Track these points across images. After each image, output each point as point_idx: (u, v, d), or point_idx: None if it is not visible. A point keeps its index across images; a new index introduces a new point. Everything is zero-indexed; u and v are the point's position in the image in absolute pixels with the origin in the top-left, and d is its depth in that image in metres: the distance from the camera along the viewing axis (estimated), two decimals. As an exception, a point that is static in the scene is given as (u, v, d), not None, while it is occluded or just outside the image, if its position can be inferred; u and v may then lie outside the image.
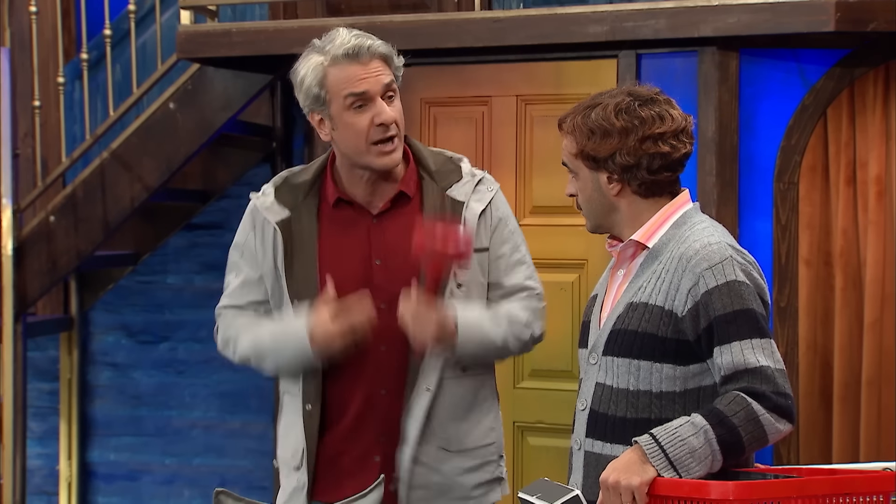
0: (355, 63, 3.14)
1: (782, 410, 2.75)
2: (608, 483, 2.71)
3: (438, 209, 3.22)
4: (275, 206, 3.24)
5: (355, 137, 3.16)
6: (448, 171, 3.28)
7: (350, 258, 3.20)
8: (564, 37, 4.81)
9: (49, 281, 5.97)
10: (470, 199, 3.25)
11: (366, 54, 3.15)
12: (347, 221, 3.23)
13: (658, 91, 2.96)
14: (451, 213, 3.21)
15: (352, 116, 3.15)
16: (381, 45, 3.19)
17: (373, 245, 3.21)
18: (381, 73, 3.17)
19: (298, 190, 3.25)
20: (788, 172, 4.75)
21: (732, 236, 2.96)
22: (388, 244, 3.21)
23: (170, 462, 6.50)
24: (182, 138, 5.72)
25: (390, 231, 3.22)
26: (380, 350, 3.19)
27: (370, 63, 3.15)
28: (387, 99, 3.17)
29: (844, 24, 4.46)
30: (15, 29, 6.08)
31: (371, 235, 3.22)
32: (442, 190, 3.25)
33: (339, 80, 3.15)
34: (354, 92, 3.14)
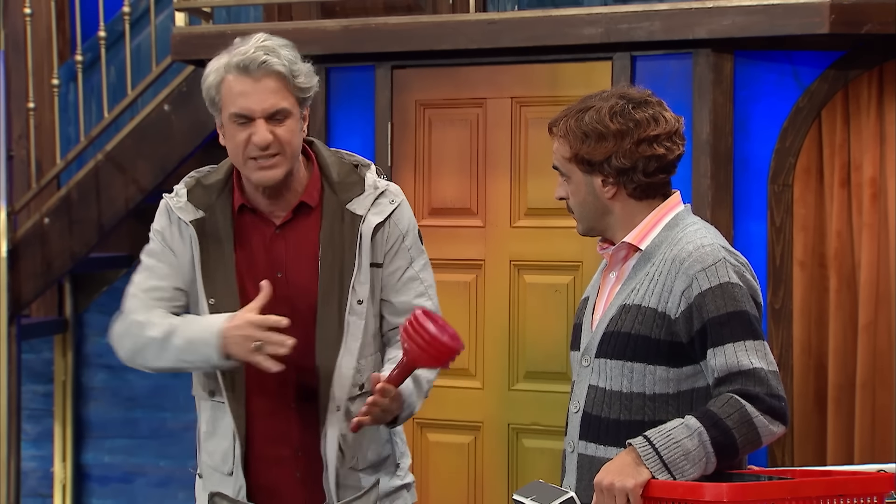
0: (246, 77, 3.06)
1: (776, 412, 2.76)
2: (602, 485, 2.71)
3: (336, 223, 3.16)
4: (188, 206, 3.18)
5: (234, 150, 3.11)
6: (351, 182, 3.20)
7: (256, 267, 3.16)
8: (559, 38, 4.81)
9: (43, 283, 5.97)
10: (368, 212, 3.17)
11: (257, 71, 3.06)
12: (252, 229, 3.18)
13: (650, 93, 2.97)
14: (350, 227, 3.15)
15: (234, 130, 3.09)
16: (278, 62, 3.07)
17: (275, 257, 3.16)
18: (270, 95, 3.06)
19: (211, 190, 3.20)
20: (783, 174, 4.76)
21: (727, 238, 2.96)
22: (290, 256, 3.16)
23: (164, 464, 6.50)
24: (176, 140, 5.72)
25: (292, 242, 3.17)
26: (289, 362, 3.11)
27: (262, 80, 3.06)
28: (273, 121, 3.07)
29: (839, 27, 4.47)
30: (9, 31, 6.08)
31: (273, 247, 3.17)
32: (342, 203, 3.17)
33: (230, 91, 3.08)
34: (234, 112, 3.08)
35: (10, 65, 6.03)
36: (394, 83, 5.11)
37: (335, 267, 3.14)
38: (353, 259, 3.14)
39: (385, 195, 3.20)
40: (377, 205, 3.18)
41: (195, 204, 3.19)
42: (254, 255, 3.17)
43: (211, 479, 3.25)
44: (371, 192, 3.19)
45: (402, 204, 3.23)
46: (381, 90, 5.10)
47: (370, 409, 3.01)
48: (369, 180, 3.21)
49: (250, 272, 3.15)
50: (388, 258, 3.20)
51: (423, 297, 3.23)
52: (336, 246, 3.15)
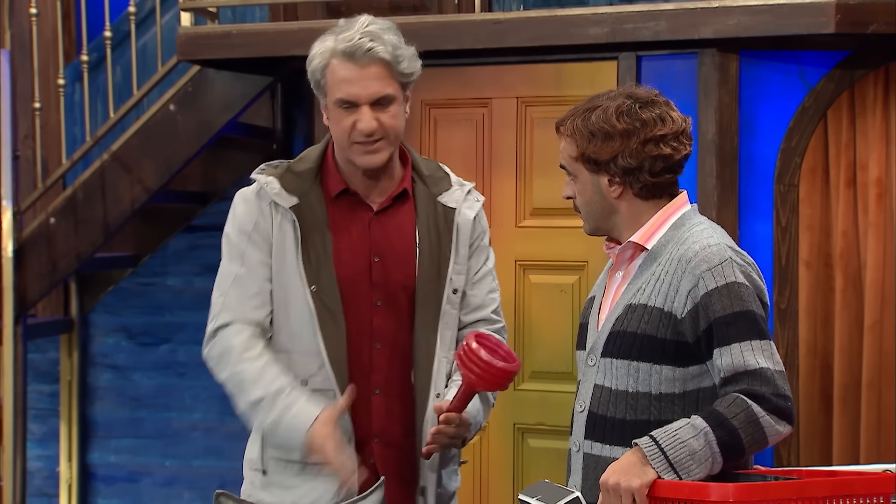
0: (351, 63, 3.10)
1: (782, 412, 2.76)
2: (608, 485, 2.71)
3: (431, 213, 3.22)
4: (283, 192, 3.18)
5: (340, 134, 3.16)
6: (439, 177, 3.29)
7: (352, 252, 3.19)
8: (565, 38, 4.81)
9: (49, 283, 5.97)
10: (462, 205, 3.25)
11: (363, 57, 3.10)
12: (349, 213, 3.21)
13: (657, 93, 2.96)
14: (444, 219, 3.22)
15: (339, 114, 3.13)
16: (383, 49, 3.10)
17: (372, 242, 3.20)
18: (375, 81, 3.11)
19: (304, 178, 3.21)
20: (789, 174, 4.75)
21: (732, 238, 2.96)
22: (387, 241, 3.20)
23: (170, 464, 6.50)
24: (182, 140, 5.72)
25: (389, 228, 3.21)
26: (374, 348, 3.18)
27: (367, 67, 3.10)
28: (377, 107, 3.12)
29: (844, 26, 4.46)
30: (15, 31, 6.08)
31: (371, 231, 3.20)
32: (433, 196, 3.25)
33: (335, 77, 3.12)
34: (341, 98, 3.11)
35: (16, 65, 6.03)
36: (399, 83, 5.10)
37: (433, 256, 3.20)
38: (449, 249, 3.20)
39: (472, 193, 3.30)
40: (468, 200, 3.27)
41: (289, 190, 3.19)
42: (351, 239, 3.19)
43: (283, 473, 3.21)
44: (458, 187, 3.28)
45: (483, 203, 3.33)
46: (386, 90, 5.10)
47: (436, 437, 3.06)
48: (453, 178, 3.30)
49: (347, 256, 3.18)
50: (471, 252, 3.27)
51: (495, 292, 3.32)
52: (433, 235, 3.21)
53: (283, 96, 6.17)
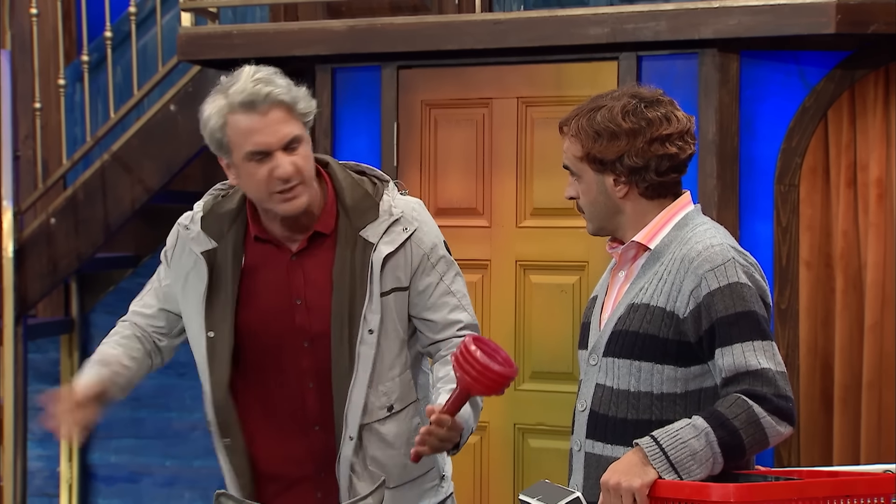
0: (253, 113, 3.01)
1: (783, 413, 2.75)
2: (609, 485, 2.71)
3: (349, 250, 3.12)
4: (201, 236, 3.17)
5: (256, 187, 3.07)
6: (365, 208, 3.15)
7: (272, 296, 3.14)
8: (565, 39, 4.82)
9: (50, 283, 5.97)
10: (380, 241, 3.12)
11: (262, 104, 3.00)
12: (267, 258, 3.16)
13: (661, 92, 2.96)
14: (362, 255, 3.11)
15: (252, 168, 3.04)
16: (281, 91, 3.02)
17: (293, 285, 3.14)
18: (282, 125, 3.02)
19: (224, 220, 3.18)
20: (789, 174, 4.75)
21: (733, 238, 2.96)
22: (308, 283, 3.14)
23: (170, 464, 6.50)
24: (183, 140, 5.72)
25: (309, 269, 3.14)
26: (307, 387, 3.14)
27: (269, 113, 3.01)
28: (289, 150, 3.04)
29: (845, 26, 4.47)
30: (16, 31, 6.09)
31: (290, 275, 3.14)
32: (356, 229, 3.13)
33: (238, 131, 3.03)
34: (250, 150, 3.03)
35: (17, 65, 6.03)
36: (400, 83, 5.11)
37: (346, 296, 3.11)
38: (364, 288, 3.10)
39: (399, 223, 3.14)
40: (390, 233, 3.13)
41: (208, 233, 3.17)
42: (269, 284, 3.14)
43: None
44: (385, 218, 3.14)
45: (418, 229, 3.16)
46: (386, 90, 5.11)
47: (425, 438, 2.97)
48: (384, 205, 3.16)
49: (266, 301, 3.14)
50: (416, 278, 3.16)
51: (458, 309, 3.20)
52: (348, 275, 3.11)
53: (283, 96, 6.16)
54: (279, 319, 3.13)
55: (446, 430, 2.96)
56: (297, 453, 3.18)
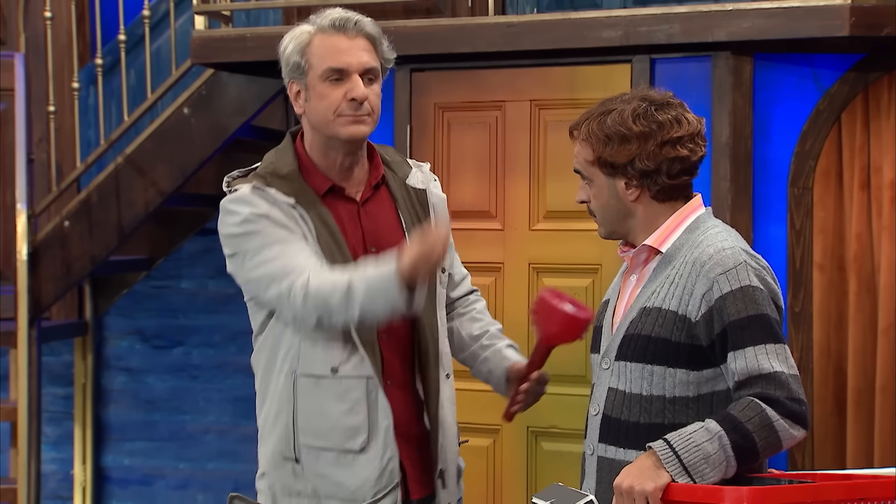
0: (340, 34, 3.12)
1: (796, 416, 2.75)
2: (622, 488, 2.71)
3: (406, 197, 3.25)
4: (279, 195, 3.14)
5: (325, 109, 3.13)
6: (399, 161, 3.32)
7: (351, 246, 3.17)
8: (578, 41, 4.81)
9: (63, 286, 5.98)
10: (429, 185, 3.31)
11: (352, 29, 3.13)
12: (340, 208, 3.19)
13: (671, 94, 2.96)
14: (418, 200, 3.25)
15: (326, 87, 3.12)
16: (370, 24, 3.16)
17: (366, 233, 3.20)
18: (365, 52, 3.14)
19: (291, 178, 3.17)
20: (803, 177, 4.75)
21: (746, 241, 2.95)
22: (378, 231, 3.20)
23: (183, 466, 6.51)
24: (196, 143, 5.73)
25: (376, 218, 3.22)
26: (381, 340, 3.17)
27: (355, 39, 3.13)
28: (366, 81, 3.14)
29: (859, 29, 4.46)
30: (30, 34, 6.10)
31: (362, 223, 3.21)
32: (402, 180, 3.27)
33: (321, 49, 3.12)
34: (333, 66, 3.11)
35: (31, 68, 6.05)
36: (413, 86, 5.11)
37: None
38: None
39: (422, 169, 3.33)
40: (426, 179, 3.31)
41: (284, 192, 3.15)
42: (347, 233, 3.18)
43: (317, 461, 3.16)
44: (417, 167, 3.32)
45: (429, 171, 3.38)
46: (400, 93, 5.11)
47: (526, 398, 3.18)
48: (404, 157, 3.35)
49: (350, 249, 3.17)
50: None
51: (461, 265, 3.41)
52: (415, 219, 3.23)
53: (296, 99, 6.17)
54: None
55: (540, 385, 3.21)
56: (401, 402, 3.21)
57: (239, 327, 6.04)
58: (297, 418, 3.15)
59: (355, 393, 3.12)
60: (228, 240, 3.19)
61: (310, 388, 3.14)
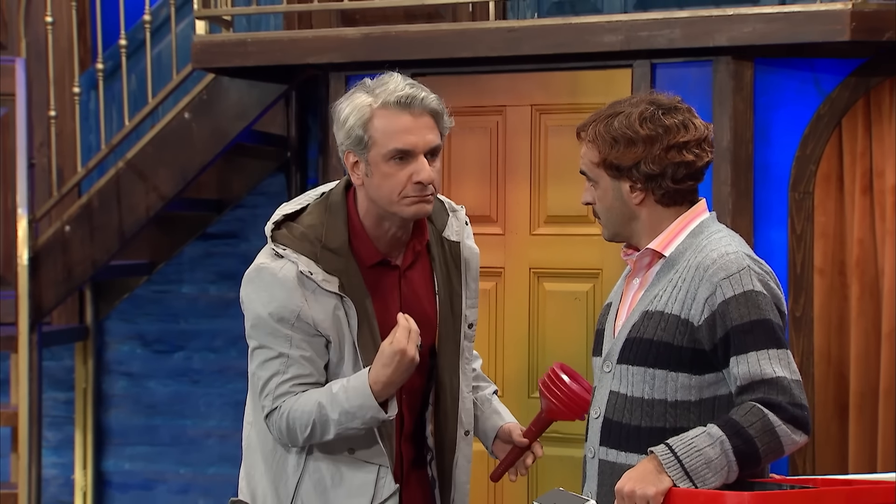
0: (406, 113, 3.01)
1: (798, 421, 2.75)
2: (623, 492, 2.71)
3: (441, 254, 3.17)
4: (328, 277, 3.03)
5: (389, 189, 3.02)
6: (438, 210, 3.19)
7: (389, 316, 3.07)
8: (579, 46, 4.81)
9: (64, 290, 5.98)
10: (463, 237, 3.20)
11: (418, 106, 3.02)
12: (381, 278, 3.12)
13: (679, 99, 2.96)
14: (451, 255, 3.17)
15: (391, 167, 3.01)
16: (434, 100, 3.05)
17: (403, 301, 3.14)
18: (429, 131, 3.03)
19: (340, 254, 3.06)
20: (804, 182, 4.75)
21: (748, 246, 2.95)
22: (414, 298, 3.15)
23: (185, 471, 6.51)
24: (197, 148, 5.73)
25: (414, 283, 3.16)
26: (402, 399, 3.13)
27: (420, 117, 3.02)
28: (429, 158, 3.04)
29: (860, 34, 4.46)
30: (31, 39, 6.10)
31: (401, 291, 3.15)
32: (439, 233, 3.18)
33: (386, 128, 3.00)
34: (399, 147, 3.00)
35: (32, 73, 6.04)
36: (414, 91, 5.11)
37: (448, 296, 3.17)
38: (460, 285, 3.18)
39: (459, 215, 3.25)
40: (459, 227, 3.23)
41: (329, 271, 3.04)
42: (386, 305, 3.11)
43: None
44: (452, 215, 3.23)
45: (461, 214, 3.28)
46: (401, 98, 5.10)
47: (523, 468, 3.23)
48: (445, 202, 3.24)
49: (386, 324, 3.07)
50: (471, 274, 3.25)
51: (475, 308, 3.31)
52: (446, 276, 3.18)
53: (297, 104, 6.18)
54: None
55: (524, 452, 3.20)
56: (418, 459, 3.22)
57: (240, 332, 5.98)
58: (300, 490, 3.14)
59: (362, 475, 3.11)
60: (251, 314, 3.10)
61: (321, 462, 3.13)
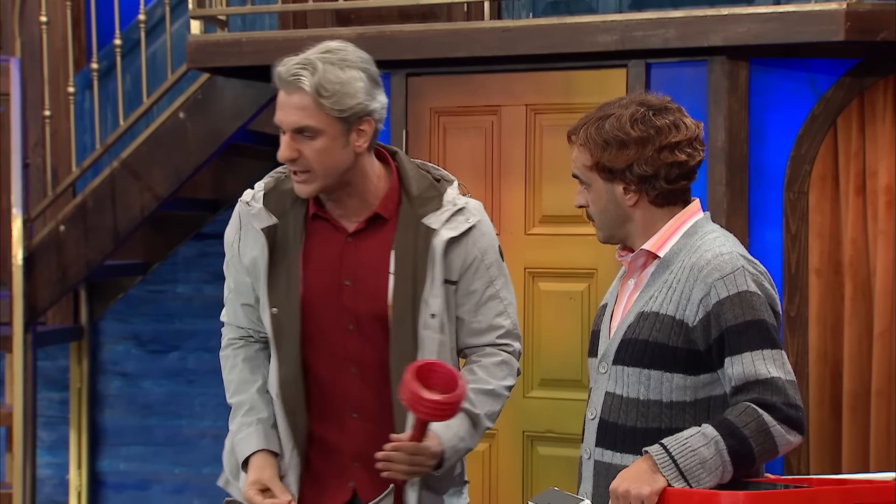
0: (282, 89, 3.06)
1: (793, 422, 2.75)
2: (618, 492, 2.71)
3: (411, 236, 3.13)
4: (262, 212, 3.16)
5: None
6: (429, 197, 3.17)
7: (323, 275, 3.14)
8: (574, 46, 4.81)
9: (59, 290, 5.98)
10: (443, 226, 3.14)
11: (288, 86, 3.04)
12: (323, 237, 3.16)
13: (669, 99, 2.96)
14: (424, 241, 3.12)
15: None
16: (308, 81, 3.02)
17: (344, 265, 3.14)
18: (297, 110, 3.04)
19: (286, 197, 3.17)
20: (798, 182, 4.75)
21: (743, 246, 2.95)
22: (359, 265, 3.14)
23: (179, 471, 6.51)
24: (192, 148, 5.73)
25: (362, 252, 3.15)
26: (350, 372, 3.14)
27: (292, 95, 3.04)
28: (301, 138, 3.06)
29: (854, 34, 4.46)
30: (25, 39, 6.10)
31: (343, 255, 3.15)
32: (419, 216, 3.14)
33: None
34: (275, 119, 3.10)
35: (26, 73, 6.05)
36: (408, 90, 5.11)
37: (408, 280, 3.11)
38: (425, 272, 3.11)
39: (462, 213, 3.17)
40: (453, 221, 3.15)
41: (270, 209, 3.17)
42: (322, 263, 3.15)
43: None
44: (449, 207, 3.16)
45: (479, 223, 3.19)
46: (395, 97, 5.11)
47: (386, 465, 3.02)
48: (448, 196, 3.18)
49: (317, 279, 3.14)
50: (468, 277, 3.17)
51: (503, 315, 3.21)
52: (410, 259, 3.12)
53: (292, 104, 6.17)
54: (327, 300, 3.13)
55: (409, 456, 3.01)
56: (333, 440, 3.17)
57: (235, 332, 6.03)
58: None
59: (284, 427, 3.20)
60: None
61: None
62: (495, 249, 3.23)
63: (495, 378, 3.20)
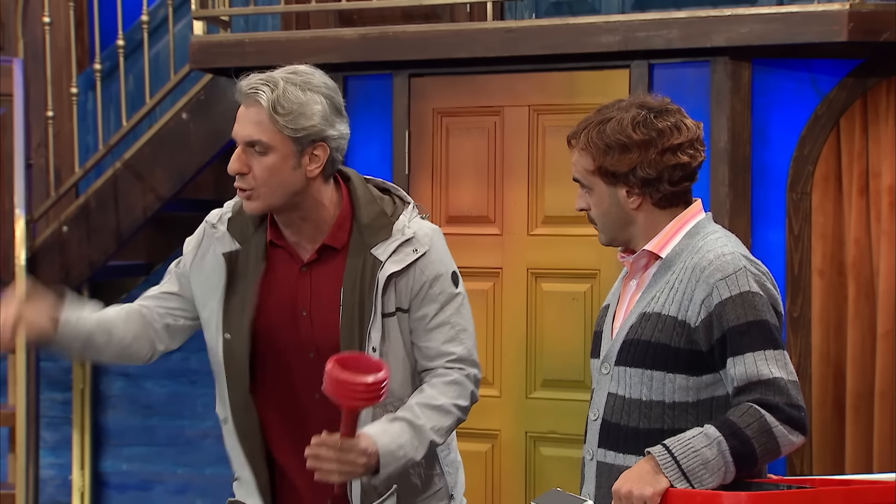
0: (241, 103, 3.06)
1: (795, 422, 2.75)
2: (621, 493, 2.71)
3: (359, 267, 3.10)
4: (225, 237, 3.16)
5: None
6: (379, 226, 3.12)
7: (280, 305, 3.13)
8: (577, 47, 4.82)
9: (62, 291, 5.98)
10: (388, 259, 3.10)
11: (246, 98, 3.04)
12: (281, 266, 3.15)
13: (669, 101, 2.96)
14: (371, 272, 3.08)
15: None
16: (266, 96, 3.01)
17: (299, 295, 3.13)
18: (251, 124, 3.03)
19: (249, 222, 3.16)
20: (801, 182, 4.75)
21: (745, 246, 2.95)
22: (313, 296, 3.12)
23: (182, 472, 6.51)
24: (194, 148, 5.74)
25: (316, 282, 3.13)
26: (313, 398, 3.10)
27: (249, 108, 3.04)
28: (254, 153, 3.03)
29: (857, 34, 4.46)
30: (28, 40, 6.10)
31: (298, 285, 3.13)
32: (368, 246, 3.11)
33: None
34: (232, 132, 3.09)
35: (30, 73, 6.05)
36: (411, 91, 5.12)
37: (355, 312, 3.09)
38: (370, 305, 3.08)
39: (410, 243, 3.12)
40: (399, 252, 3.10)
41: (233, 234, 3.16)
42: (281, 291, 3.14)
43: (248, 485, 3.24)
44: (397, 238, 3.11)
45: (428, 252, 3.13)
46: (398, 98, 5.11)
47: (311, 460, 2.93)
48: (399, 225, 3.13)
49: (275, 308, 3.13)
50: (416, 304, 3.13)
51: (454, 342, 3.15)
52: (357, 291, 3.09)
53: (295, 105, 6.17)
54: (285, 329, 3.13)
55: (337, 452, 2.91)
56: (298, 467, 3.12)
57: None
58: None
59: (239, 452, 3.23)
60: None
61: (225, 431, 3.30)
62: (447, 277, 3.16)
63: (444, 395, 3.12)
